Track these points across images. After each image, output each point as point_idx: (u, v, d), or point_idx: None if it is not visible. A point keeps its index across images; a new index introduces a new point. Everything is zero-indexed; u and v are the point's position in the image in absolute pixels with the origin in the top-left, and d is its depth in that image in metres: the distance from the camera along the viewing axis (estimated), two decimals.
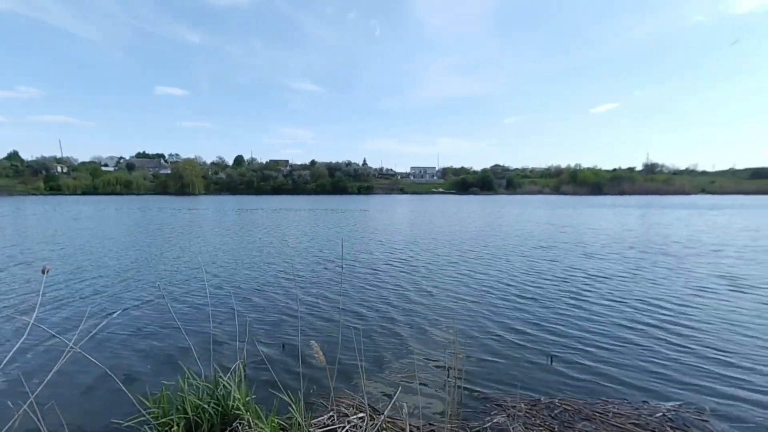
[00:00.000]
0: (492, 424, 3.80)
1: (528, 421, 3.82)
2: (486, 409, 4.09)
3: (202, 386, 3.62)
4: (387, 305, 7.68)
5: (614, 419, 3.82)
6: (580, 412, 3.97)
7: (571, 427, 3.72)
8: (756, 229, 20.49)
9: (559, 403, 4.15)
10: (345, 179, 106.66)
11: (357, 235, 19.56)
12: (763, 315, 6.81)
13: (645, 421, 3.80)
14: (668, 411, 3.99)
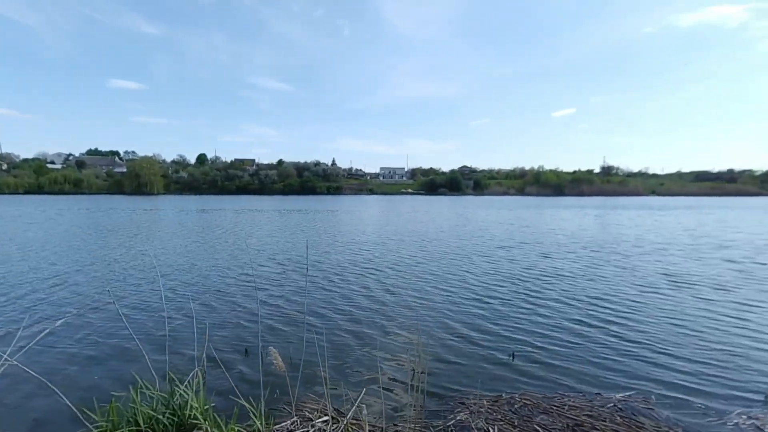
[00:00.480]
0: (455, 421, 3.86)
1: (489, 417, 3.91)
2: (449, 408, 4.15)
3: (156, 396, 3.43)
4: (352, 307, 7.65)
5: (570, 412, 3.99)
6: (538, 407, 4.12)
7: (530, 421, 3.85)
8: (695, 228, 22.21)
9: (519, 398, 4.29)
10: (314, 179, 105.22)
11: (323, 236, 19.35)
12: (700, 310, 7.37)
13: (597, 411, 4.00)
14: (618, 401, 4.22)
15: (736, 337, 5.94)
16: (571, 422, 3.82)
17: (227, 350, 5.58)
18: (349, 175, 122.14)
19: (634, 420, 3.84)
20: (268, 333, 6.27)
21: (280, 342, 5.91)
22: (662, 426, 3.70)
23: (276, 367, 2.48)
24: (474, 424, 3.75)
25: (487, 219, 29.46)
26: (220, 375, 4.65)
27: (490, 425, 3.72)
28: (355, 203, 57.59)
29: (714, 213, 34.50)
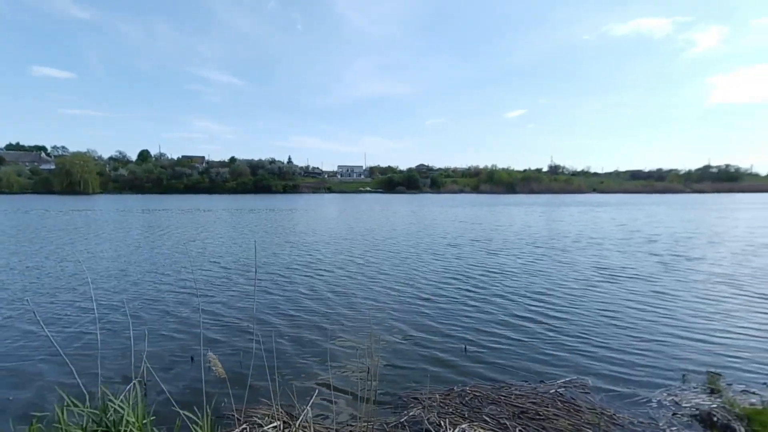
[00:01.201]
0: (408, 417, 3.91)
1: (442, 410, 4.00)
2: (403, 404, 4.20)
3: (86, 413, 3.14)
4: (301, 309, 7.51)
5: (516, 400, 4.19)
6: (488, 397, 4.28)
7: (479, 411, 3.99)
8: (627, 223, 24.27)
9: (469, 390, 4.43)
10: (269, 178, 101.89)
11: (275, 236, 18.84)
12: (627, 301, 8.03)
13: (541, 398, 4.24)
14: (559, 388, 4.50)
15: (657, 325, 6.54)
16: (517, 410, 4.01)
17: (169, 359, 5.26)
18: (306, 174, 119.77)
19: (573, 404, 4.12)
20: (215, 339, 5.99)
21: (228, 348, 5.67)
22: (597, 408, 3.99)
23: (216, 373, 2.36)
24: (427, 419, 3.82)
25: (441, 217, 30.23)
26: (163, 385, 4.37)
27: (442, 419, 3.81)
28: (312, 202, 56.65)
29: (644, 209, 37.91)
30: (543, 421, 3.80)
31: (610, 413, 3.93)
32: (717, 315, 6.97)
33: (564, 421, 3.80)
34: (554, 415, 3.89)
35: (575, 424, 3.74)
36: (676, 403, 4.14)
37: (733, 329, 6.26)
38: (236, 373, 4.83)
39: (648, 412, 3.98)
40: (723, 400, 4.07)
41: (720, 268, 10.80)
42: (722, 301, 7.82)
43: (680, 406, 4.08)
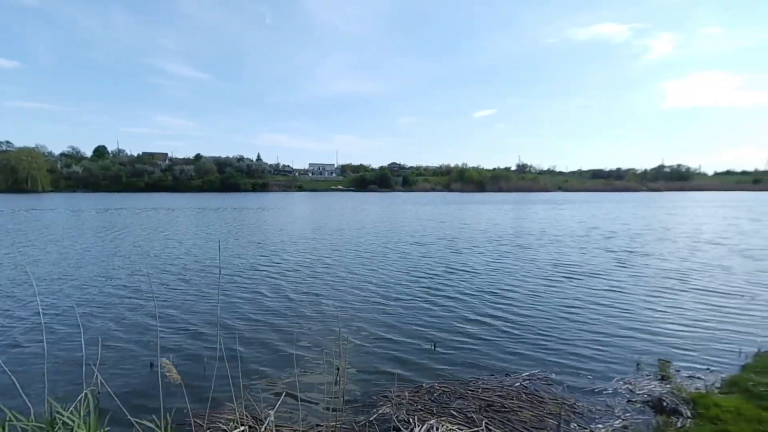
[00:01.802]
0: (377, 415, 3.91)
1: (411, 407, 4.03)
2: (372, 402, 4.20)
3: (31, 428, 2.91)
4: (267, 310, 7.36)
5: (483, 394, 4.28)
6: (455, 392, 4.35)
7: (447, 407, 4.05)
8: (587, 220, 25.43)
9: (438, 386, 4.49)
10: (236, 175, 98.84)
11: (241, 236, 18.34)
12: (587, 296, 8.41)
13: (507, 391, 4.36)
14: (524, 381, 4.64)
15: (614, 318, 6.89)
16: (484, 403, 4.10)
17: (125, 367, 4.99)
18: (276, 171, 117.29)
19: (536, 396, 4.26)
20: (175, 344, 5.75)
21: (190, 353, 5.46)
22: (558, 398, 4.15)
23: (170, 379, 2.25)
24: (395, 416, 3.84)
25: (411, 216, 30.48)
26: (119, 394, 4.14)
27: (411, 415, 3.84)
28: (282, 201, 55.55)
29: (603, 207, 39.91)
30: (508, 413, 3.91)
31: (571, 403, 4.10)
32: (667, 307, 7.43)
33: (528, 412, 3.92)
34: (519, 407, 4.01)
35: (538, 415, 3.88)
36: (631, 391, 4.38)
37: (681, 320, 6.70)
38: (199, 379, 4.66)
39: (605, 400, 4.19)
40: (672, 386, 4.35)
41: (669, 264, 11.53)
42: (671, 294, 8.35)
43: (634, 393, 4.31)
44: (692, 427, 3.51)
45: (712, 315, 6.92)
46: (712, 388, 4.29)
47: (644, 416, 3.88)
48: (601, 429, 3.63)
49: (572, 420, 3.80)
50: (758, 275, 9.87)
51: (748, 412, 3.57)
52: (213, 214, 31.24)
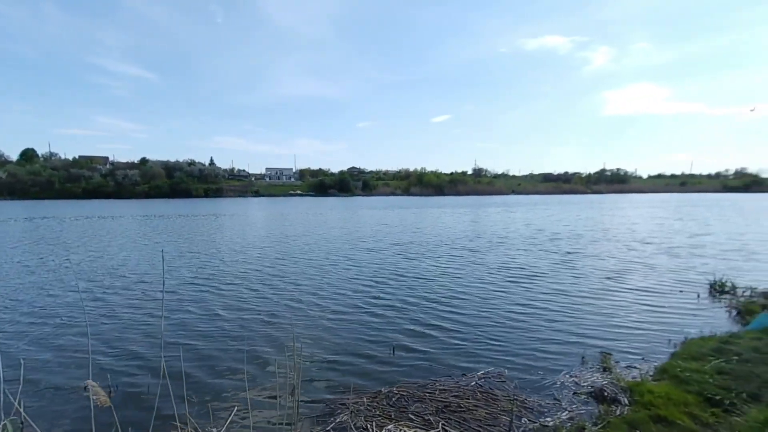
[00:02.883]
0: (335, 424, 3.84)
1: (369, 413, 4.00)
2: (330, 411, 4.12)
3: None
4: (216, 323, 7.06)
5: (440, 395, 4.35)
6: (413, 396, 4.38)
7: (405, 410, 4.07)
8: (534, 222, 26.83)
9: (396, 390, 4.50)
10: (188, 181, 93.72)
11: (189, 245, 17.43)
12: (535, 296, 8.90)
13: (463, 391, 4.46)
14: (479, 379, 4.78)
15: (560, 316, 7.30)
16: (441, 405, 4.17)
17: (56, 392, 4.54)
18: (231, 176, 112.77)
19: (491, 394, 4.40)
20: (116, 363, 5.32)
21: (131, 371, 5.07)
22: (511, 395, 4.31)
23: (98, 402, 2.05)
24: (353, 423, 3.79)
25: (369, 221, 30.53)
26: (42, 422, 3.75)
27: (369, 421, 3.81)
28: (237, 207, 53.47)
29: (551, 209, 42.33)
30: (464, 413, 3.99)
31: (522, 398, 4.27)
32: (607, 304, 7.99)
33: (482, 410, 4.03)
34: (474, 406, 4.11)
35: (492, 413, 4.00)
36: (577, 383, 4.64)
37: (619, 315, 7.23)
38: (140, 400, 4.33)
39: (553, 394, 4.41)
40: (612, 377, 4.67)
41: (607, 263, 12.43)
42: (610, 291, 8.99)
43: (579, 386, 4.58)
44: (629, 414, 3.78)
45: (646, 309, 7.54)
46: (647, 376, 4.65)
47: (588, 407, 4.12)
48: (550, 422, 3.81)
49: (523, 415, 3.96)
50: (683, 272, 10.90)
51: (676, 396, 3.91)
52: (158, 221, 29.41)
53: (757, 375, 4.18)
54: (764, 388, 3.93)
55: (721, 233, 19.29)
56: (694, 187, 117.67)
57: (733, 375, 4.24)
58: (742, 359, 4.61)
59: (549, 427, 3.72)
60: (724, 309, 7.51)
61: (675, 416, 3.60)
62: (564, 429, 3.65)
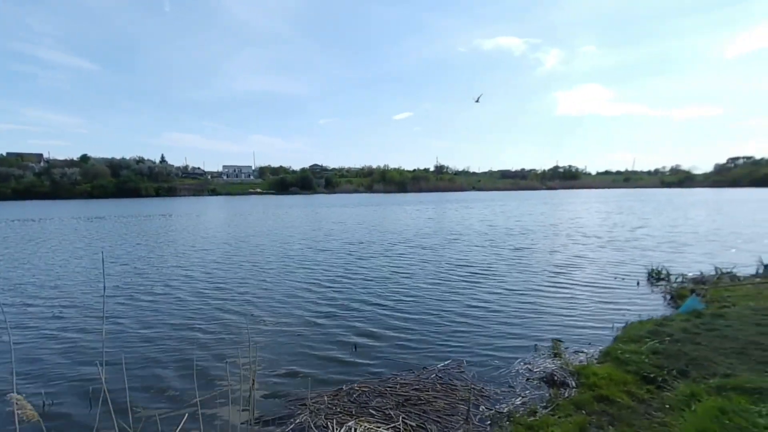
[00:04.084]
0: (294, 425, 3.77)
1: (330, 411, 3.97)
2: (290, 412, 4.04)
3: None
4: (164, 327, 6.76)
5: (401, 389, 4.40)
6: (375, 391, 4.40)
7: (367, 406, 4.08)
8: (487, 218, 27.81)
9: (358, 387, 4.50)
10: (136, 179, 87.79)
11: (135, 246, 16.47)
12: (490, 289, 9.27)
13: (423, 384, 4.54)
14: (439, 372, 4.89)
15: (514, 308, 7.65)
16: (402, 398, 4.21)
17: None
18: (185, 174, 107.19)
19: (450, 385, 4.51)
20: (54, 372, 4.90)
21: (73, 379, 4.70)
22: (470, 384, 4.44)
23: (24, 416, 1.87)
24: (314, 423, 3.74)
25: (328, 219, 30.29)
26: None
27: (329, 420, 3.78)
28: (191, 206, 50.93)
29: (508, 205, 44.13)
30: (424, 405, 4.07)
31: (480, 388, 4.42)
32: (557, 294, 8.48)
33: (442, 401, 4.13)
34: (434, 397, 4.20)
35: (451, 403, 4.10)
36: (530, 370, 4.87)
37: (568, 304, 7.69)
38: (80, 414, 4.03)
39: (509, 381, 4.60)
40: (562, 362, 4.94)
41: (556, 257, 13.17)
42: (559, 282, 9.55)
43: (532, 372, 4.81)
44: (576, 396, 4.03)
45: (592, 298, 8.06)
46: (592, 360, 4.97)
47: (540, 391, 4.34)
48: (505, 408, 3.98)
49: (480, 403, 4.10)
50: (625, 262, 11.78)
51: (616, 377, 4.21)
52: (100, 223, 27.40)
53: (685, 353, 4.60)
54: (691, 365, 4.34)
55: (657, 226, 21.01)
56: (636, 183, 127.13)
57: (666, 354, 4.63)
58: (673, 339, 5.05)
59: (504, 413, 3.87)
60: (660, 295, 8.20)
61: (615, 395, 3.88)
62: (517, 413, 3.82)
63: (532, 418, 3.67)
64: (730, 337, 4.94)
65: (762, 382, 3.53)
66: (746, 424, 2.68)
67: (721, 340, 4.92)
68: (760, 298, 6.85)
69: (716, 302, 6.90)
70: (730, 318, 5.71)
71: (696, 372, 4.17)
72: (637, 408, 3.71)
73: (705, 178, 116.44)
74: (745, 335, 4.95)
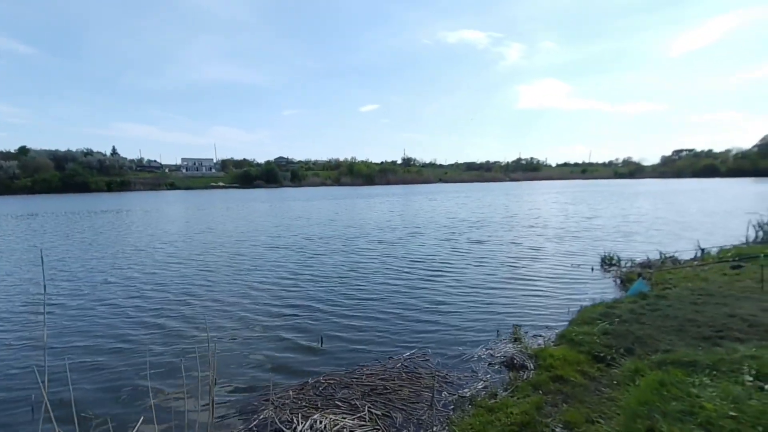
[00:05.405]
0: (258, 421, 3.70)
1: (295, 406, 3.92)
2: (254, 408, 3.97)
3: None
4: (110, 327, 6.45)
5: (366, 380, 4.43)
6: (341, 383, 4.40)
7: (332, 398, 4.07)
8: (451, 210, 28.47)
9: (323, 380, 4.48)
10: (84, 173, 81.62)
11: (77, 244, 15.47)
12: (452, 279, 9.50)
13: (389, 373, 4.59)
14: (405, 361, 4.96)
15: (476, 295, 7.91)
16: (368, 389, 4.24)
17: None
18: (140, 168, 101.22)
19: (415, 373, 4.59)
20: None
21: (13, 387, 4.35)
22: (433, 371, 4.54)
23: None
24: (278, 418, 3.69)
25: (289, 214, 29.80)
26: None
27: (294, 414, 3.74)
28: (147, 201, 48.24)
29: (471, 196, 45.25)
30: (390, 394, 4.11)
31: (444, 374, 4.53)
32: (516, 281, 8.82)
33: (407, 390, 4.20)
34: (399, 386, 4.26)
35: (416, 390, 4.18)
36: (492, 355, 5.05)
37: (528, 290, 8.04)
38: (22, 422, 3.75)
39: (471, 367, 4.75)
40: (521, 346, 5.16)
41: (516, 246, 13.71)
42: (518, 270, 9.96)
43: (494, 357, 4.99)
44: (534, 377, 4.22)
45: (550, 284, 8.46)
46: (549, 342, 5.23)
47: (501, 375, 4.51)
48: (467, 393, 4.10)
49: (444, 389, 4.20)
50: (580, 249, 12.45)
51: (570, 357, 4.45)
52: (40, 220, 25.41)
53: (632, 333, 4.94)
54: (636, 343, 4.66)
55: (609, 216, 22.32)
56: (593, 174, 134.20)
57: (615, 334, 4.95)
58: (621, 320, 5.40)
59: (466, 397, 3.99)
60: (611, 279, 8.74)
61: (569, 374, 4.10)
62: (479, 397, 3.95)
63: (493, 401, 3.81)
64: (671, 316, 5.36)
65: (696, 355, 3.85)
66: (681, 394, 2.92)
67: (662, 319, 5.32)
68: (697, 279, 7.47)
69: (660, 284, 7.45)
70: (671, 299, 6.19)
71: (640, 349, 4.49)
72: (589, 385, 3.95)
73: (653, 169, 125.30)
74: (683, 314, 5.38)
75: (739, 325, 4.85)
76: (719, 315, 5.22)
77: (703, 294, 6.31)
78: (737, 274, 7.42)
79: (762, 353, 3.64)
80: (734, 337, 4.51)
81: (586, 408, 3.50)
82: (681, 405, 2.80)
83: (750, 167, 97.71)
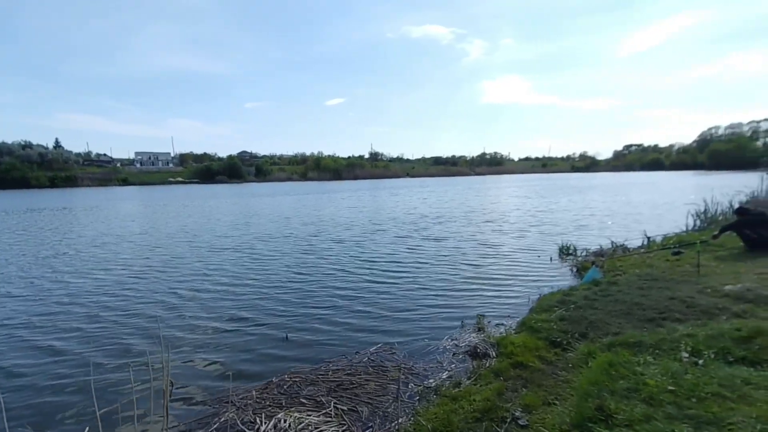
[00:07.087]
0: (219, 424, 3.59)
1: (258, 406, 3.83)
2: (214, 411, 3.83)
3: None
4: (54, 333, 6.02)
5: (333, 376, 4.40)
6: (306, 380, 4.34)
7: (297, 396, 4.01)
8: (414, 204, 28.89)
9: (288, 378, 4.40)
10: (23, 168, 75.18)
11: (15, 247, 14.30)
12: (417, 274, 9.66)
13: (355, 369, 4.58)
14: (371, 354, 4.97)
15: (440, 288, 8.08)
16: (334, 384, 4.21)
17: None
18: (88, 162, 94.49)
19: (381, 366, 4.61)
20: None
21: None
22: (399, 364, 4.58)
23: None
24: (240, 419, 3.58)
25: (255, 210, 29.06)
26: None
27: (258, 414, 3.65)
28: (95, 198, 45.06)
29: (436, 190, 46.04)
30: (356, 389, 4.11)
31: (409, 366, 4.59)
32: (480, 274, 9.04)
33: (374, 383, 4.21)
34: (365, 381, 4.26)
35: (383, 384, 4.20)
36: (456, 345, 5.16)
37: (491, 283, 8.27)
38: None
39: (436, 357, 4.83)
40: (484, 335, 5.31)
41: (478, 238, 14.13)
42: (482, 264, 10.27)
43: (459, 347, 5.10)
44: (496, 365, 4.36)
45: (512, 274, 8.77)
46: (510, 330, 5.42)
47: (465, 364, 4.63)
48: (432, 383, 4.17)
49: (410, 381, 4.25)
50: (539, 240, 12.98)
51: (530, 344, 4.64)
52: None
53: (585, 318, 5.21)
54: (590, 327, 4.93)
55: (567, 207, 23.46)
56: (552, 168, 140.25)
57: (570, 320, 5.21)
58: (577, 306, 5.69)
59: (432, 388, 4.06)
60: (568, 268, 9.19)
61: (529, 360, 4.28)
62: (444, 387, 4.03)
63: (457, 389, 3.90)
64: (620, 301, 5.71)
65: (641, 336, 4.13)
66: (628, 373, 3.13)
67: (613, 304, 5.66)
68: (644, 266, 8.01)
69: (611, 272, 7.91)
70: (620, 285, 6.59)
71: (593, 333, 4.76)
72: (546, 370, 4.14)
73: (606, 163, 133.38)
74: (631, 298, 5.75)
75: (678, 307, 5.24)
76: (662, 298, 5.62)
77: (649, 279, 6.77)
78: (678, 260, 8.02)
79: (697, 332, 3.96)
80: (674, 318, 4.88)
81: (543, 391, 3.67)
82: (627, 383, 2.99)
83: (690, 161, 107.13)
